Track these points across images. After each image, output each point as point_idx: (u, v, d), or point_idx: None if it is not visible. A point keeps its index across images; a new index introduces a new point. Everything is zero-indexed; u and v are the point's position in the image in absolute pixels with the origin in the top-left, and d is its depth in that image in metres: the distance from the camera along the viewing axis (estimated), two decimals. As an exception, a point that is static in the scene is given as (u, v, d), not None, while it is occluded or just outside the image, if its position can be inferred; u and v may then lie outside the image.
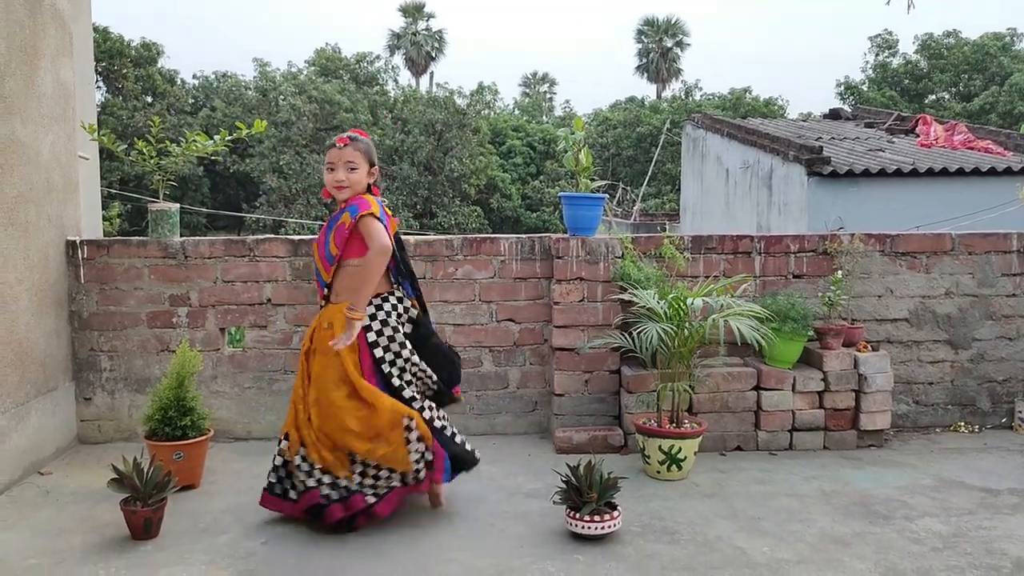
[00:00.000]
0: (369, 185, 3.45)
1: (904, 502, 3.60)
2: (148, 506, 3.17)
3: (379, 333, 3.35)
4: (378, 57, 33.87)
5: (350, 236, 3.31)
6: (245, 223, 27.11)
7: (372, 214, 3.28)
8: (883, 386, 4.31)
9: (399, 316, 3.42)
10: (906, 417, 4.76)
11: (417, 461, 3.29)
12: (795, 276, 4.67)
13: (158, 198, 4.65)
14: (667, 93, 44.31)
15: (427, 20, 47.46)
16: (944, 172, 10.82)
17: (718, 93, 37.17)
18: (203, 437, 3.80)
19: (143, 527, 3.18)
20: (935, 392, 4.78)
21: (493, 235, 4.71)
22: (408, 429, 3.26)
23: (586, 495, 3.19)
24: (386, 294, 3.41)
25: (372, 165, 3.43)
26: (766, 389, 4.30)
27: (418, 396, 3.42)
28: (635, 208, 23.83)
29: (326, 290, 3.45)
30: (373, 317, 3.36)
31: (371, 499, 3.27)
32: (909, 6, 4.34)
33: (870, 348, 4.46)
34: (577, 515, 3.18)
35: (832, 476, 3.94)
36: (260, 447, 4.42)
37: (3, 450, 3.72)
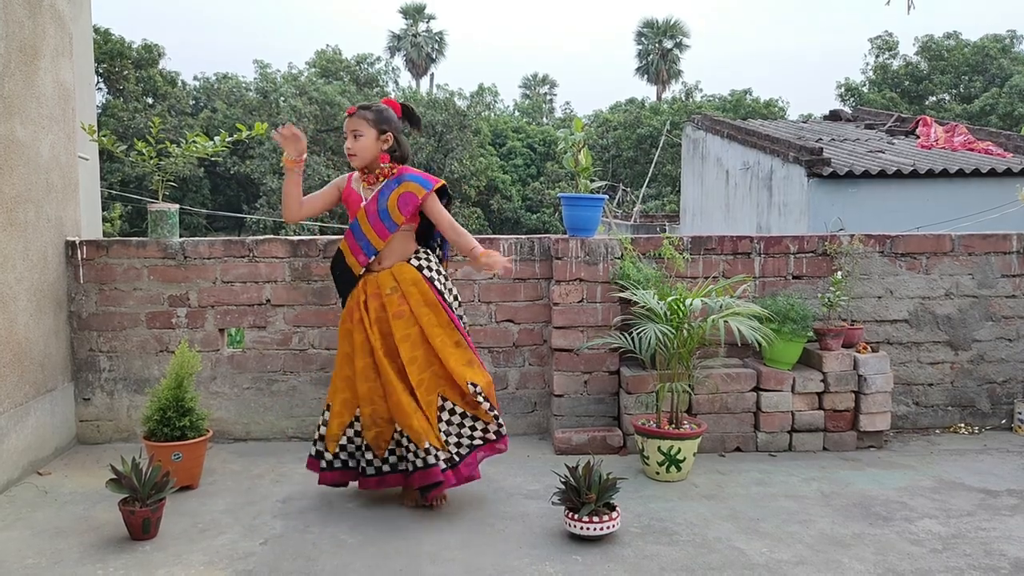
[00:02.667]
0: (392, 154, 3.52)
1: (904, 503, 3.59)
2: (146, 506, 3.16)
3: (441, 281, 3.55)
4: (378, 58, 33.96)
5: (417, 207, 3.48)
6: (245, 224, 27.13)
7: (440, 189, 3.54)
8: (883, 387, 4.30)
9: (444, 271, 3.66)
10: (906, 418, 4.76)
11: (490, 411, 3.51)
12: (795, 277, 4.66)
13: (158, 199, 4.65)
14: (667, 94, 44.34)
15: (427, 22, 47.54)
16: (944, 173, 10.82)
17: (718, 94, 37.22)
18: (202, 438, 3.80)
19: (141, 527, 3.17)
20: (935, 393, 4.78)
21: (492, 236, 4.71)
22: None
23: (585, 496, 3.19)
24: (426, 250, 3.61)
25: (383, 132, 3.47)
26: (765, 390, 4.30)
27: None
28: (635, 209, 23.83)
29: (372, 258, 3.48)
30: (430, 268, 3.53)
31: (457, 458, 3.45)
32: (909, 6, 4.34)
33: (870, 349, 4.46)
34: (576, 516, 3.17)
35: (831, 477, 3.94)
36: (259, 448, 4.43)
37: (2, 450, 3.72)
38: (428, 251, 3.59)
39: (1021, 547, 3.14)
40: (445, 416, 3.46)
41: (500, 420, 3.53)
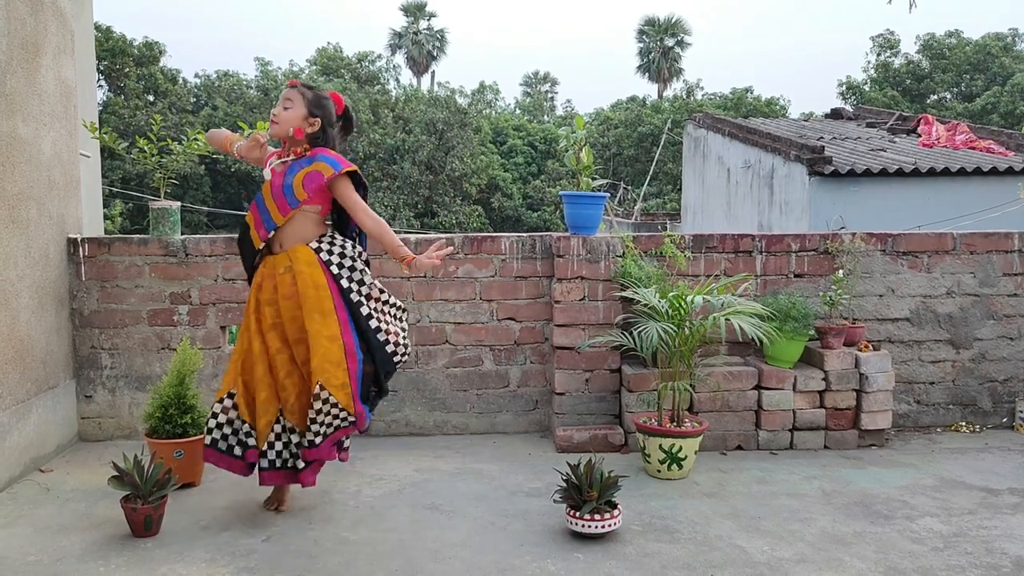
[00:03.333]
0: (313, 142, 3.37)
1: (905, 502, 3.59)
2: (148, 503, 3.17)
3: (340, 265, 3.35)
4: (379, 56, 33.94)
5: (323, 187, 3.30)
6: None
7: (354, 173, 3.34)
8: (884, 386, 4.30)
9: (355, 255, 3.42)
10: (907, 417, 4.76)
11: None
12: (796, 275, 4.66)
13: (159, 196, 4.65)
14: (668, 92, 44.31)
15: (428, 19, 47.50)
16: (946, 172, 10.81)
17: (719, 93, 37.19)
18: (203, 435, 3.79)
19: (143, 524, 3.18)
20: (936, 392, 4.78)
21: (494, 234, 4.70)
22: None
23: (586, 494, 3.19)
24: (333, 235, 3.43)
25: (312, 116, 3.35)
26: (767, 388, 4.30)
27: (383, 326, 3.40)
28: (636, 208, 23.82)
29: (271, 234, 3.34)
30: (330, 252, 3.35)
31: (317, 440, 3.28)
32: (911, 5, 4.33)
33: (871, 347, 4.46)
34: (577, 514, 3.17)
35: (833, 476, 3.94)
36: (261, 445, 4.43)
37: (4, 447, 3.72)
38: (336, 237, 3.42)
39: (1022, 545, 3.14)
40: (318, 405, 3.25)
41: (343, 415, 3.27)
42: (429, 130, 28.22)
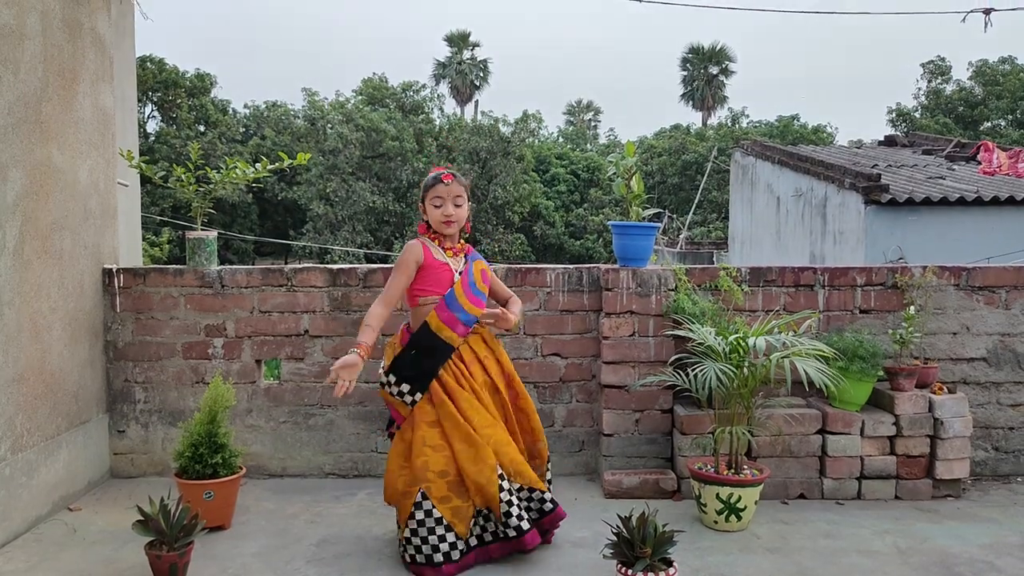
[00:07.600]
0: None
1: (991, 563, 3.26)
2: (174, 550, 2.99)
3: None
4: (424, 86, 34.21)
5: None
6: (292, 250, 27.39)
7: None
8: (961, 432, 3.97)
9: None
10: (984, 464, 4.40)
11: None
12: (862, 311, 4.36)
13: (199, 225, 4.54)
14: (713, 120, 43.95)
15: (472, 49, 47.92)
16: (1011, 201, 10.34)
17: (765, 120, 36.76)
18: (234, 476, 3.63)
19: (168, 573, 3.00)
20: (1016, 438, 4.41)
21: (539, 265, 4.50)
22: None
23: (639, 550, 2.93)
24: None
25: (469, 200, 3.48)
26: (832, 433, 3.99)
27: None
28: (681, 236, 23.47)
29: (471, 328, 3.40)
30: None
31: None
32: (986, 24, 4.06)
33: (945, 390, 4.13)
34: (630, 572, 2.91)
35: (907, 530, 3.61)
36: (295, 484, 4.25)
37: (32, 485, 3.59)
38: None
39: None
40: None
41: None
42: (472, 159, 28.29)
